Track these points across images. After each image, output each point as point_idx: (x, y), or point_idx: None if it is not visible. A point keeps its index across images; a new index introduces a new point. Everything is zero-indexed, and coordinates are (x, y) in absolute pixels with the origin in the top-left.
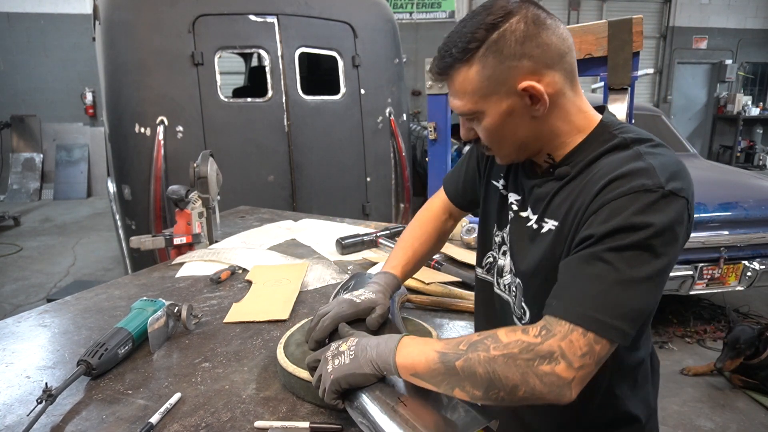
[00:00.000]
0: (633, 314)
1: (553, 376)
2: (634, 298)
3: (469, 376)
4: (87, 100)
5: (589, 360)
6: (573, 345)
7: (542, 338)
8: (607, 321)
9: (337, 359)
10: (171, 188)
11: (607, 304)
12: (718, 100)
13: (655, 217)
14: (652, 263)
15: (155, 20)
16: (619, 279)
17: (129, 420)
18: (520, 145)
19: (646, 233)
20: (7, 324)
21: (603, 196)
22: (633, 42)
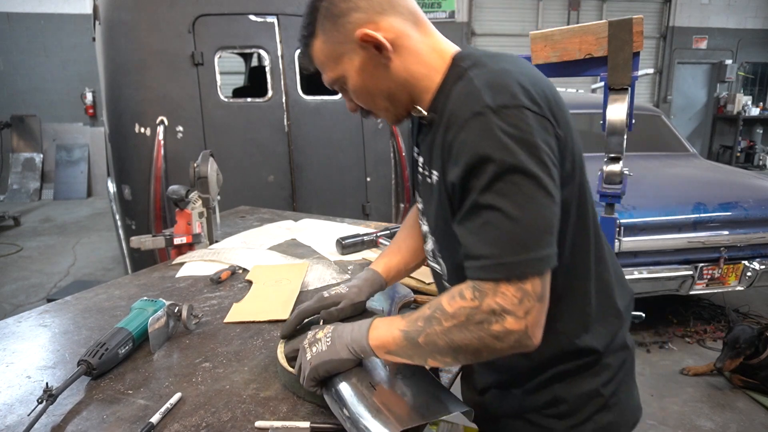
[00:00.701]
0: (537, 238)
1: (507, 332)
2: (528, 223)
3: (434, 349)
4: (87, 100)
5: (529, 302)
6: (507, 297)
7: (478, 300)
8: (519, 259)
9: (314, 347)
10: (171, 188)
11: (508, 244)
12: (718, 100)
13: (495, 140)
14: (524, 183)
15: (155, 20)
16: (505, 215)
17: (129, 420)
18: (389, 96)
19: (498, 159)
20: (7, 324)
21: (448, 136)
22: (633, 42)
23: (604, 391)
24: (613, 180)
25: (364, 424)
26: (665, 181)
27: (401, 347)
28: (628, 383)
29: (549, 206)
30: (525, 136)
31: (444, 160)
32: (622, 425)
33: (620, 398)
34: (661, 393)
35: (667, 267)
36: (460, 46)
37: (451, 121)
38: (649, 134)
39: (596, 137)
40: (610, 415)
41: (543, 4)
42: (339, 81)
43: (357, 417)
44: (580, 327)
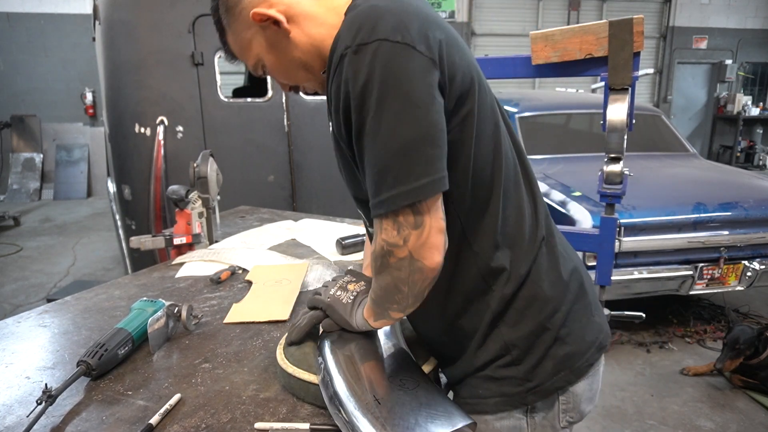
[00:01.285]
0: (404, 171)
1: (399, 261)
2: (394, 157)
3: (381, 299)
4: (87, 100)
5: (405, 231)
6: (387, 232)
7: (374, 244)
8: (389, 195)
9: (340, 291)
10: (171, 188)
11: (380, 182)
12: (718, 100)
13: (355, 81)
14: (388, 117)
15: (155, 20)
16: (375, 155)
17: (129, 421)
18: (304, 66)
19: (360, 99)
20: (7, 324)
21: (328, 91)
22: (634, 42)
23: (550, 324)
24: (614, 180)
25: None
26: (665, 181)
27: (374, 311)
28: (582, 310)
29: (418, 135)
30: (383, 69)
31: (329, 111)
32: (584, 352)
33: (573, 327)
34: (661, 393)
35: (667, 267)
36: None
37: (329, 72)
38: (649, 134)
39: (596, 137)
40: (566, 347)
41: (543, 4)
42: (259, 65)
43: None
44: (493, 248)
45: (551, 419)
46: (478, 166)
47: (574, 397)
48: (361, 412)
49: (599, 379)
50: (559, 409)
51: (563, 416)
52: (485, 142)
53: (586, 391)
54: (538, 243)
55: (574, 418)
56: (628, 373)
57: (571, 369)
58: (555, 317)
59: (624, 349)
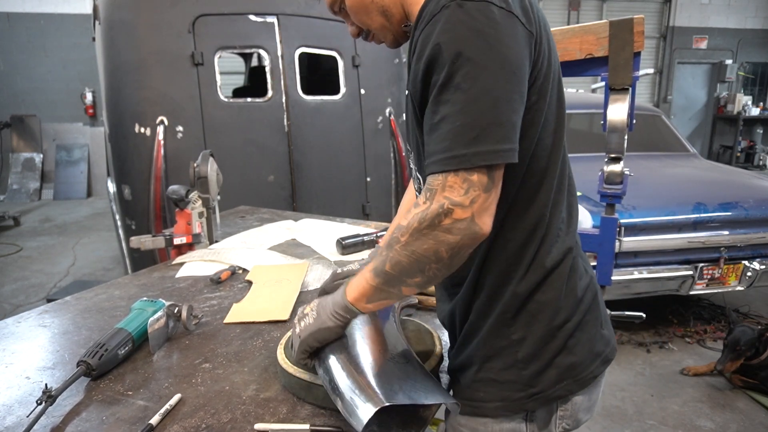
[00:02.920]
0: (488, 130)
1: (456, 222)
2: (480, 115)
3: (401, 270)
4: (87, 100)
5: (475, 192)
6: (453, 189)
7: (429, 200)
8: (467, 151)
9: (302, 321)
10: (171, 188)
11: (459, 137)
12: (718, 100)
13: (455, 32)
14: (480, 75)
15: (155, 20)
16: (458, 109)
17: (129, 421)
18: (383, 11)
19: (455, 51)
20: (7, 324)
21: (416, 33)
22: (634, 42)
23: (559, 333)
24: (614, 180)
25: (350, 396)
26: (665, 181)
27: (375, 287)
28: (592, 322)
29: (507, 100)
30: (486, 29)
31: (410, 62)
32: (589, 364)
33: (581, 338)
34: (661, 393)
35: (667, 267)
36: None
37: (420, 20)
38: (649, 134)
39: (597, 137)
40: (572, 357)
41: (543, 4)
42: (338, 2)
43: (342, 391)
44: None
45: (548, 425)
46: (537, 153)
47: (573, 406)
48: (346, 373)
49: (600, 391)
50: (556, 416)
51: (560, 422)
52: (548, 130)
53: (585, 401)
54: (564, 250)
55: (570, 426)
56: (628, 373)
57: (575, 379)
58: (565, 327)
59: (624, 349)
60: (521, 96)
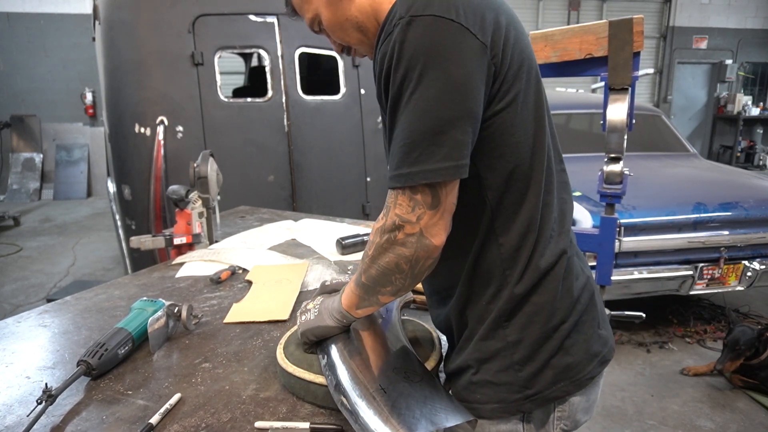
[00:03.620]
0: (429, 150)
1: (407, 237)
2: (422, 135)
3: (373, 281)
4: (87, 100)
5: (420, 210)
6: (402, 207)
7: (385, 216)
8: (409, 171)
9: (304, 315)
10: (171, 188)
11: (404, 156)
12: (718, 100)
13: (401, 52)
14: (425, 94)
15: (155, 20)
16: (404, 129)
17: (129, 420)
18: (358, 27)
19: (402, 72)
20: (7, 324)
21: (375, 56)
22: (634, 42)
23: (556, 334)
24: (614, 180)
25: (374, 428)
26: (665, 181)
27: (359, 296)
28: (589, 322)
29: (449, 119)
30: (432, 47)
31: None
32: (586, 364)
33: (577, 339)
34: (661, 393)
35: (667, 267)
36: None
37: (379, 38)
38: (649, 134)
39: (596, 137)
40: (568, 357)
41: (543, 4)
42: (316, 20)
43: (365, 422)
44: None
45: (546, 426)
46: (518, 157)
47: (570, 407)
48: (365, 401)
49: (598, 391)
50: (554, 417)
51: (557, 423)
52: (527, 133)
53: (583, 402)
54: (558, 252)
55: (568, 427)
56: (628, 373)
57: (572, 380)
58: (561, 327)
59: (624, 349)
60: (469, 112)
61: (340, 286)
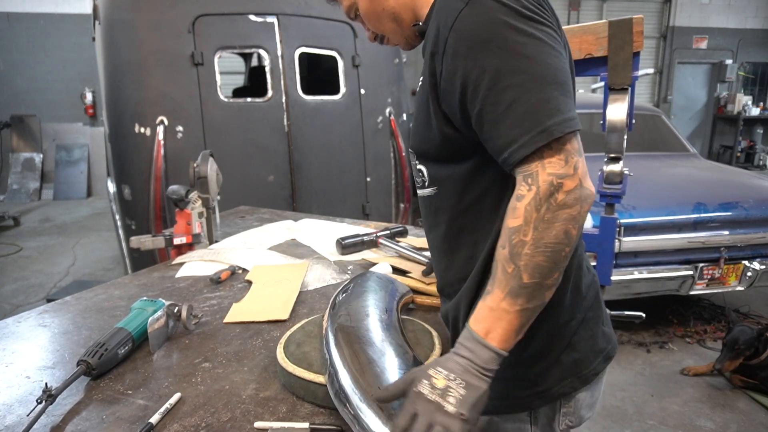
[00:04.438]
0: (562, 100)
1: (569, 194)
2: (550, 87)
3: (541, 272)
4: (87, 100)
5: (573, 158)
6: (553, 164)
7: (533, 184)
8: (553, 122)
9: (450, 396)
10: (171, 188)
11: (538, 113)
12: (718, 100)
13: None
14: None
15: (155, 20)
16: (524, 88)
17: (129, 420)
18: (394, 17)
19: (503, 37)
20: (7, 324)
21: (441, 32)
22: (633, 42)
23: (564, 331)
24: (613, 180)
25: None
26: (665, 181)
27: (521, 310)
28: (594, 320)
29: (563, 68)
30: (520, 9)
31: (434, 56)
32: (592, 360)
33: (583, 336)
34: (661, 393)
35: (667, 267)
36: None
37: (439, 16)
38: (649, 134)
39: (596, 137)
40: (575, 354)
41: None
42: (353, 8)
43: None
44: None
45: (552, 422)
46: None
47: (576, 403)
48: (366, 404)
49: (601, 388)
50: (560, 413)
51: (563, 419)
52: None
53: (588, 398)
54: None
55: (573, 423)
56: (628, 373)
57: (578, 376)
58: (570, 324)
59: (624, 349)
60: (566, 61)
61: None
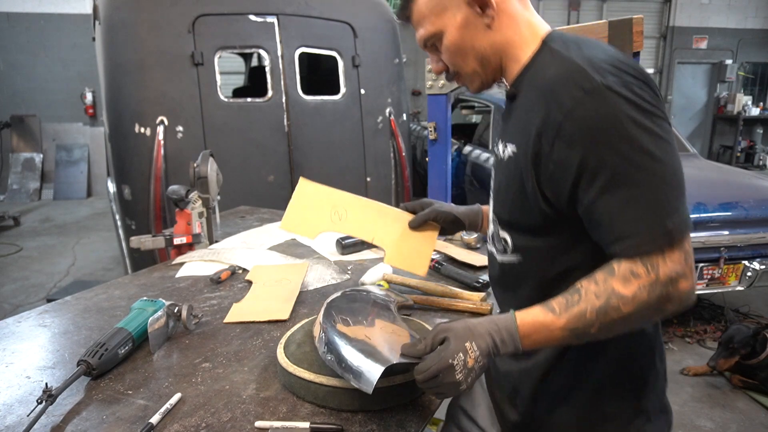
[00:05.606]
0: (681, 198)
1: (680, 293)
2: (671, 186)
3: (607, 331)
4: (87, 100)
5: (690, 260)
6: (676, 261)
7: (654, 273)
8: (675, 223)
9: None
10: (171, 188)
11: (663, 212)
12: (718, 100)
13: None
14: (658, 150)
15: (155, 20)
16: (649, 186)
17: (129, 420)
18: (481, 59)
19: (629, 133)
20: (7, 324)
21: (553, 114)
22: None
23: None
24: None
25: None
26: None
27: (560, 340)
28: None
29: (680, 167)
30: (641, 103)
31: (541, 136)
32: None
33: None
34: None
35: None
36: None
37: (553, 97)
38: None
39: None
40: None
41: (543, 4)
42: (434, 37)
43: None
44: None
45: None
46: None
47: None
48: (351, 345)
49: None
50: None
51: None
52: None
53: None
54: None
55: None
56: None
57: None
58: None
59: None
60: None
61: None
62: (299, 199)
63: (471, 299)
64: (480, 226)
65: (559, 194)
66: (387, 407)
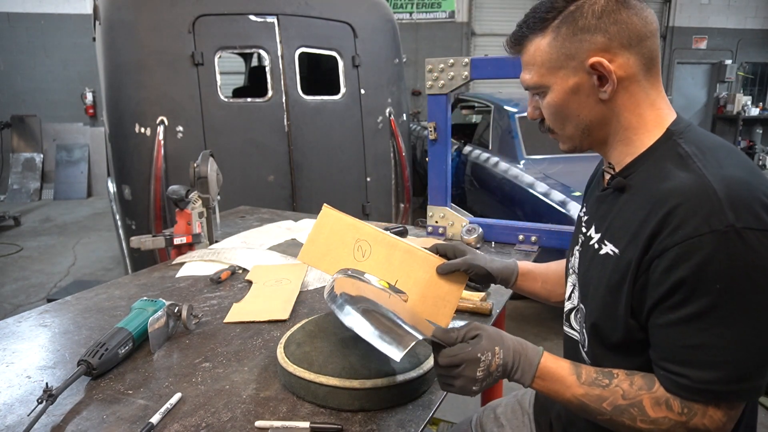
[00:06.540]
0: (756, 369)
1: None
2: (751, 354)
3: (610, 426)
4: (87, 100)
5: (730, 425)
6: (714, 420)
7: (686, 417)
8: (736, 389)
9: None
10: (171, 188)
11: (729, 373)
12: (718, 100)
13: (734, 265)
14: (754, 314)
15: (155, 20)
16: (729, 342)
17: (129, 420)
18: (584, 128)
19: (733, 285)
20: (7, 324)
21: (663, 234)
22: None
23: None
24: None
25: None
26: None
27: (569, 405)
28: None
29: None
30: (764, 264)
31: (640, 250)
32: None
33: None
34: None
35: None
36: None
37: (672, 219)
38: None
39: None
40: None
41: None
42: (539, 88)
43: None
44: None
45: None
46: None
47: None
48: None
49: None
50: None
51: None
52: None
53: None
54: None
55: None
56: None
57: None
58: None
59: None
60: None
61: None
62: (321, 229)
63: (471, 299)
64: (512, 284)
65: (643, 303)
66: (387, 407)
